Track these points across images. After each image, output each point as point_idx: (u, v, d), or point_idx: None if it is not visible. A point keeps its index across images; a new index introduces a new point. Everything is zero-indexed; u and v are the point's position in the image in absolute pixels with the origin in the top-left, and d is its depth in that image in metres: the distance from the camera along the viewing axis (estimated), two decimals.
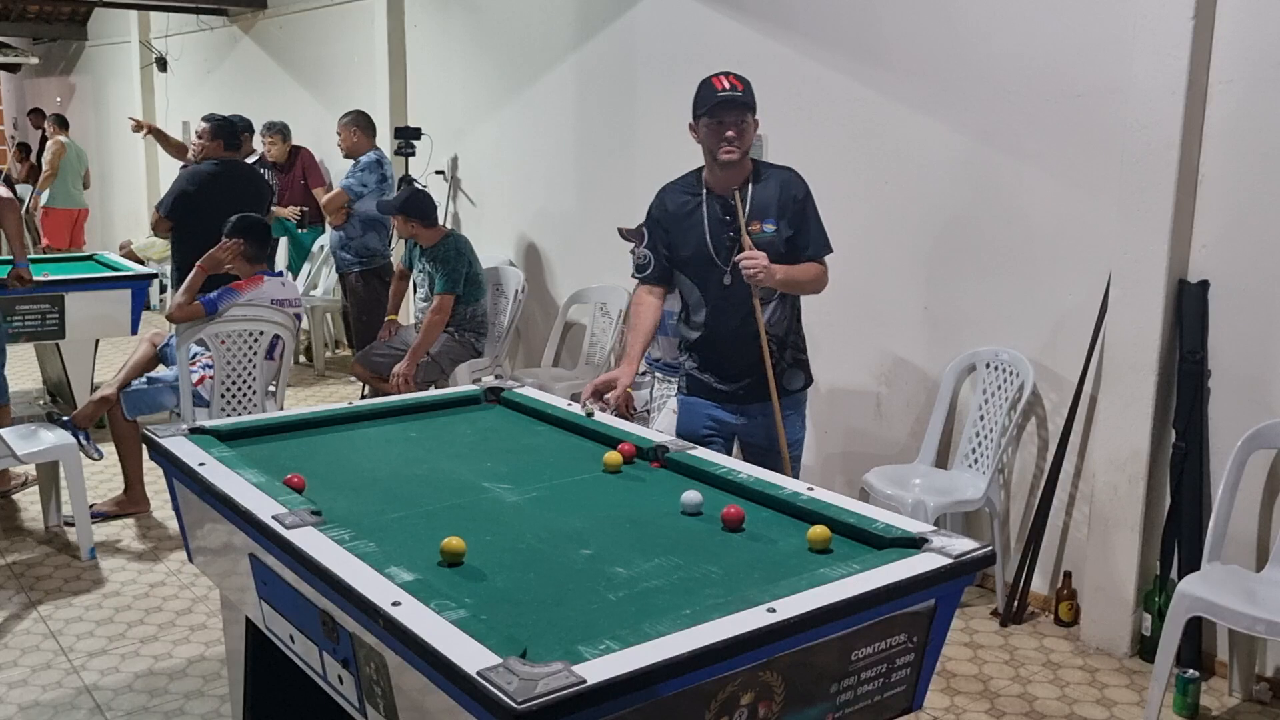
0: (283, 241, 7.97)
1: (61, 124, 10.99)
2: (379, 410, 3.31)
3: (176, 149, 8.02)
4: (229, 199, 5.63)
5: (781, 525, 2.40)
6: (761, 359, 3.36)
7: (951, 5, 4.13)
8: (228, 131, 6.18)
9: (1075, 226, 3.85)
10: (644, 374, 4.85)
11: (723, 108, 3.25)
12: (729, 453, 3.62)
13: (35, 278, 5.96)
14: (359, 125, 6.46)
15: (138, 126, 7.98)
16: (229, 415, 4.66)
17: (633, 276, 3.59)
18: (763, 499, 2.52)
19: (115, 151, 11.95)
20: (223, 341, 4.70)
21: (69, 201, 10.67)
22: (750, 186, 3.35)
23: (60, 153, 10.48)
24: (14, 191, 5.84)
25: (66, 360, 6.23)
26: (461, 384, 4.72)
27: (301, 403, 6.56)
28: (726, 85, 3.25)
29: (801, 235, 3.35)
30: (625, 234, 4.77)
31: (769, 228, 3.31)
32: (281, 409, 4.79)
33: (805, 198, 3.37)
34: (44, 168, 10.63)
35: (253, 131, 7.56)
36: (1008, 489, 4.17)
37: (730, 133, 3.26)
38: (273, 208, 7.72)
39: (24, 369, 7.26)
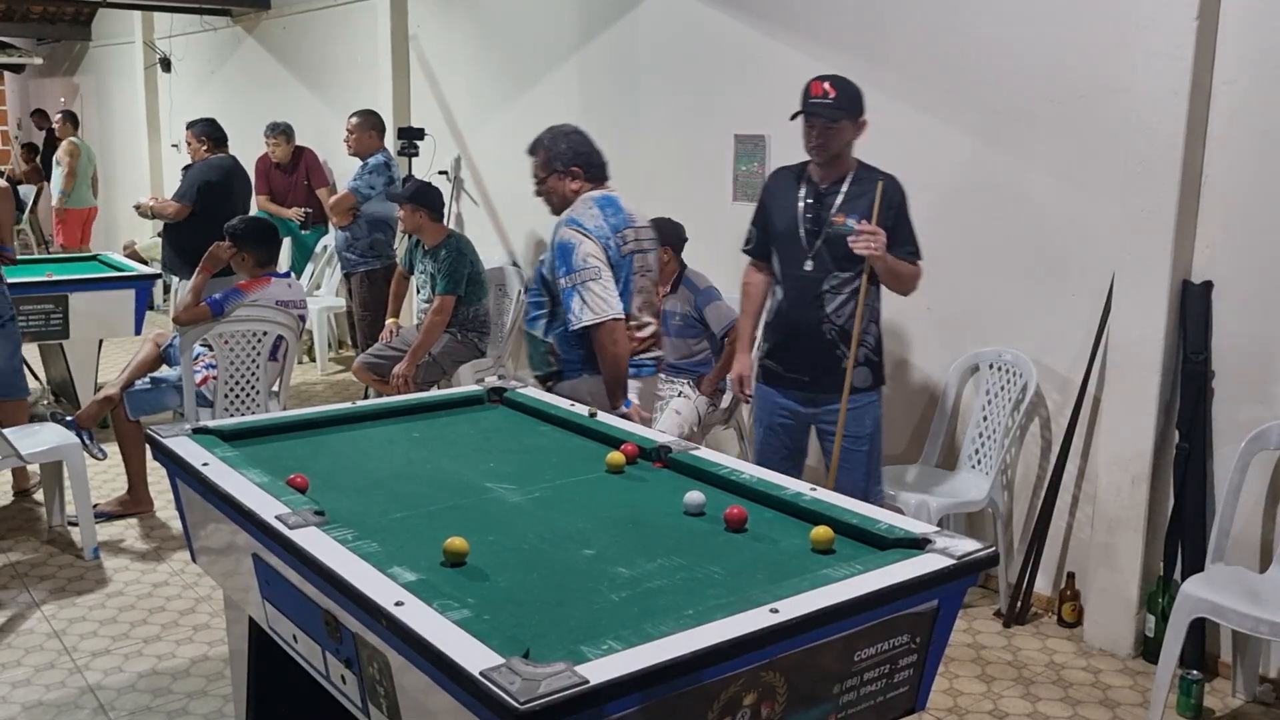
0: (286, 242, 7.98)
1: (73, 122, 10.96)
2: (382, 410, 3.31)
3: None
4: (242, 190, 6.52)
5: (784, 526, 2.40)
6: (829, 352, 3.54)
7: (955, 6, 4.13)
8: (214, 129, 6.55)
9: (1079, 227, 3.85)
10: None
11: (814, 110, 3.45)
12: (805, 441, 3.73)
13: (38, 278, 6.00)
14: (372, 126, 6.46)
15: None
16: (232, 415, 4.67)
17: (742, 250, 3.83)
18: (765, 499, 2.52)
19: (119, 152, 11.97)
20: (226, 342, 4.70)
21: (82, 202, 10.69)
22: (847, 183, 3.54)
23: (76, 153, 10.46)
24: (17, 193, 5.90)
25: (70, 360, 6.25)
26: (465, 384, 4.72)
27: (304, 404, 6.56)
28: (819, 92, 3.46)
29: (894, 239, 3.50)
30: None
31: (851, 222, 3.47)
32: (284, 409, 4.79)
33: (901, 205, 3.56)
34: (59, 167, 10.53)
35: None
36: (1011, 490, 4.17)
37: (816, 138, 3.48)
38: (276, 208, 7.77)
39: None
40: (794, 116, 3.49)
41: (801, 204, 3.58)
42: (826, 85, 3.46)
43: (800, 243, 3.56)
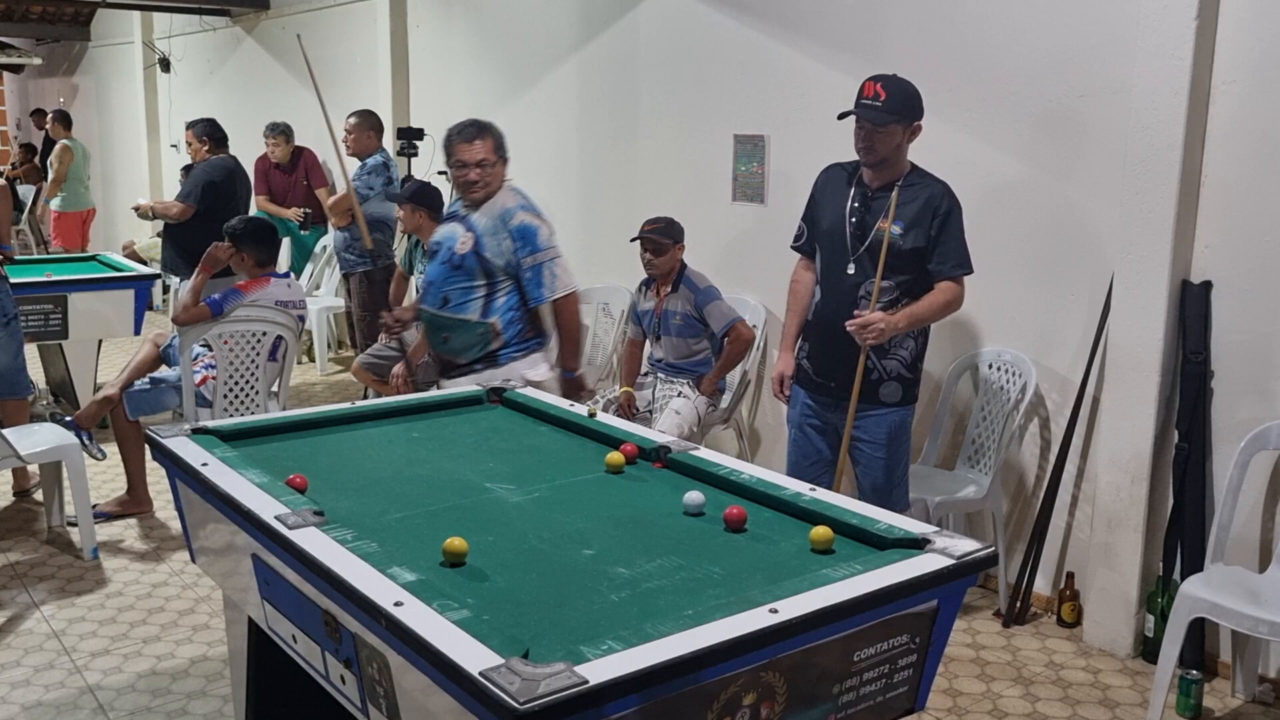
0: (285, 242, 7.97)
1: (65, 122, 10.96)
2: (381, 411, 3.31)
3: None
4: (243, 191, 6.59)
5: (784, 526, 2.40)
6: (857, 360, 3.47)
7: (954, 5, 4.13)
8: (215, 130, 6.60)
9: (1078, 227, 3.85)
10: (645, 374, 4.85)
11: (860, 113, 3.39)
12: (837, 442, 3.68)
13: (38, 278, 6.00)
14: (370, 126, 6.46)
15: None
16: (231, 416, 4.67)
17: (791, 247, 3.79)
18: (765, 499, 2.52)
19: (118, 152, 11.97)
20: (225, 341, 4.70)
21: (78, 204, 10.69)
22: (896, 189, 3.46)
23: (69, 158, 10.45)
24: (16, 193, 5.92)
25: (70, 360, 6.25)
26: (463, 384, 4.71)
27: (304, 404, 6.56)
28: (869, 93, 3.39)
29: (936, 249, 3.45)
30: (642, 235, 4.74)
31: (896, 229, 3.42)
32: (284, 410, 4.79)
33: (948, 214, 3.46)
34: (50, 172, 10.57)
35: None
36: (1010, 490, 4.17)
37: (863, 140, 3.42)
38: (276, 208, 7.77)
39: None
40: (842, 116, 3.41)
41: (849, 206, 3.52)
42: (878, 86, 3.37)
43: (845, 245, 3.51)
